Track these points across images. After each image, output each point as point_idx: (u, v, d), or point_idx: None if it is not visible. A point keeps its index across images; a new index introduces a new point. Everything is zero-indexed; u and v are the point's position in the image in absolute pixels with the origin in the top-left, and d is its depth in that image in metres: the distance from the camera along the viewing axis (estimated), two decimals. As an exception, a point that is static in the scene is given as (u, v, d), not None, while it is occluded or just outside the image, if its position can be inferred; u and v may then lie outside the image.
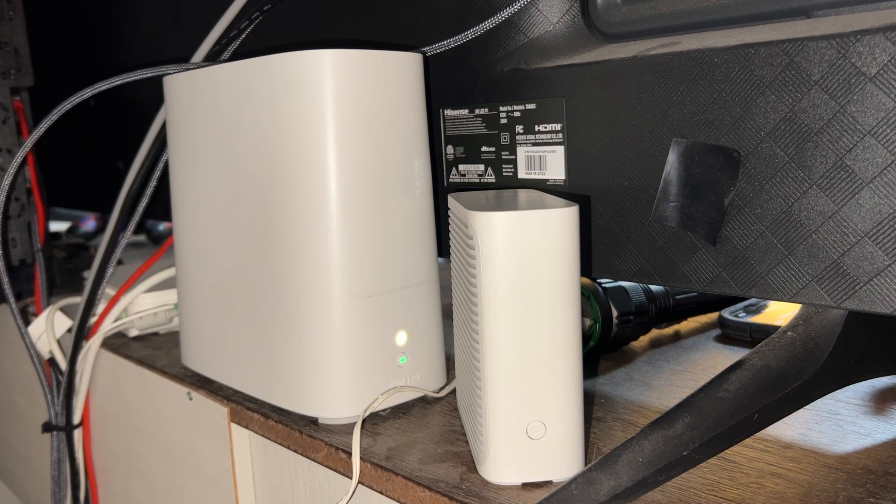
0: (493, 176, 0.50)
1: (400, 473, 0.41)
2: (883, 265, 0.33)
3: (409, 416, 0.48)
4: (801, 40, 0.34)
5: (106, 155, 0.92)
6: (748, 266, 0.38)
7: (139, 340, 0.69)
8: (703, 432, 0.36)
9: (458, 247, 0.43)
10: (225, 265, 0.52)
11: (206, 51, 0.62)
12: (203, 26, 0.62)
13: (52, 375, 0.71)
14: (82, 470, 0.72)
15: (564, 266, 0.37)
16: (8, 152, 0.80)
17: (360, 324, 0.46)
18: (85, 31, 0.91)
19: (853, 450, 0.41)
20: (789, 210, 0.36)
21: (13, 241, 0.80)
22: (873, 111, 0.33)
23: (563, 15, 0.46)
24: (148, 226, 1.16)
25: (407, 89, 0.48)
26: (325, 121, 0.45)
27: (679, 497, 0.37)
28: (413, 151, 0.48)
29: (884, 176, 0.33)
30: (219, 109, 0.50)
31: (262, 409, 0.51)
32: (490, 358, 0.37)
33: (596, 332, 0.54)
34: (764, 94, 0.36)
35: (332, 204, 0.45)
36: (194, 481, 0.59)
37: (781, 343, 0.38)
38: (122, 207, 0.66)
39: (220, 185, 0.51)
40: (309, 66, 0.45)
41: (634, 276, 0.43)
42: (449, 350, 0.52)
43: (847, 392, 0.48)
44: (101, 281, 0.67)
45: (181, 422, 0.59)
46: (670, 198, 0.40)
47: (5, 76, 0.80)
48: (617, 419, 0.46)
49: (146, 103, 0.81)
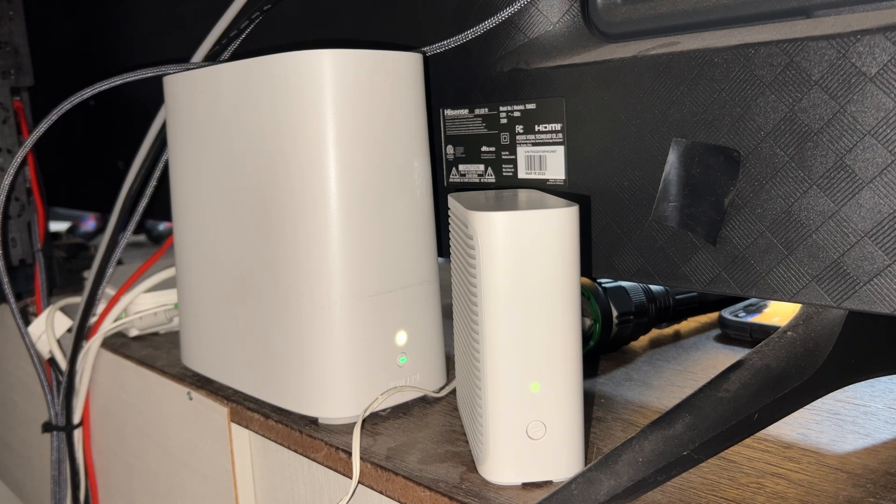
0: (493, 176, 0.50)
1: (400, 473, 0.41)
2: (883, 265, 0.33)
3: (409, 416, 0.48)
4: (801, 40, 0.34)
5: (106, 155, 0.92)
6: (748, 266, 0.38)
7: (139, 340, 0.69)
8: (703, 432, 0.36)
9: (458, 247, 0.43)
10: (225, 265, 0.52)
11: (206, 51, 0.62)
12: (203, 26, 0.62)
13: (52, 375, 0.71)
14: (82, 470, 0.72)
15: (564, 266, 0.37)
16: (8, 152, 0.80)
17: (360, 324, 0.46)
18: (85, 31, 0.91)
19: (853, 450, 0.41)
20: (789, 210, 0.36)
21: (13, 241, 0.80)
22: (873, 111, 0.33)
23: (563, 15, 0.46)
24: (148, 226, 1.16)
25: (407, 89, 0.48)
26: (325, 121, 0.45)
27: (679, 497, 0.37)
28: (413, 151, 0.48)
29: (884, 176, 0.33)
30: (219, 109, 0.50)
31: (262, 409, 0.51)
32: (490, 358, 0.37)
33: (596, 332, 0.54)
34: (764, 94, 0.36)
35: (332, 204, 0.45)
36: (194, 481, 0.59)
37: (781, 343, 0.38)
38: (122, 207, 0.66)
39: (220, 185, 0.51)
40: (309, 66, 0.45)
41: (634, 276, 0.43)
42: (449, 350, 0.52)
43: (847, 392, 0.48)
44: (101, 281, 0.67)
45: (181, 422, 0.59)
46: (670, 198, 0.40)
47: (5, 76, 0.80)
48: (617, 419, 0.46)
49: (146, 103, 0.81)
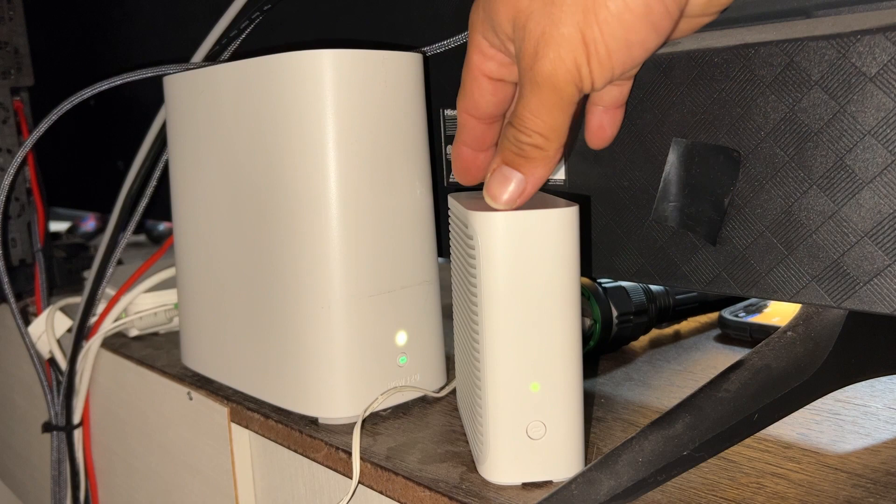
0: (493, 176, 0.50)
1: (400, 473, 0.41)
2: (883, 265, 0.33)
3: (409, 416, 0.48)
4: (801, 40, 0.34)
5: (106, 155, 0.92)
6: (748, 266, 0.38)
7: (139, 340, 0.69)
8: (703, 432, 0.36)
9: (458, 247, 0.43)
10: (225, 265, 0.52)
11: (206, 51, 0.62)
12: (203, 26, 0.62)
13: (52, 375, 0.71)
14: (82, 470, 0.72)
15: (564, 266, 0.37)
16: (8, 152, 0.80)
17: (360, 324, 0.46)
18: (85, 31, 0.91)
19: (853, 450, 0.41)
20: (789, 210, 0.36)
21: (13, 241, 0.80)
22: (873, 111, 0.33)
23: (563, 15, 0.46)
24: (148, 226, 1.16)
25: (407, 89, 0.48)
26: (325, 121, 0.45)
27: (679, 497, 0.37)
28: (413, 151, 0.48)
29: (884, 176, 0.33)
30: (219, 109, 0.50)
31: (262, 409, 0.51)
32: (490, 358, 0.37)
33: (596, 332, 0.54)
34: (764, 94, 0.36)
35: (332, 204, 0.45)
36: (194, 481, 0.59)
37: (781, 343, 0.38)
38: (122, 207, 0.66)
39: (219, 185, 0.51)
40: (309, 66, 0.45)
41: (634, 276, 0.43)
42: (449, 350, 0.52)
43: (847, 392, 0.48)
44: (101, 281, 0.67)
45: (181, 422, 0.59)
46: (670, 198, 0.40)
47: (5, 76, 0.80)
48: (617, 419, 0.46)
49: (146, 103, 0.81)
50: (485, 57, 0.38)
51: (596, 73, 0.33)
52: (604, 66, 0.33)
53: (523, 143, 0.36)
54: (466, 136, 0.42)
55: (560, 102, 0.34)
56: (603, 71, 0.33)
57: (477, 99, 0.40)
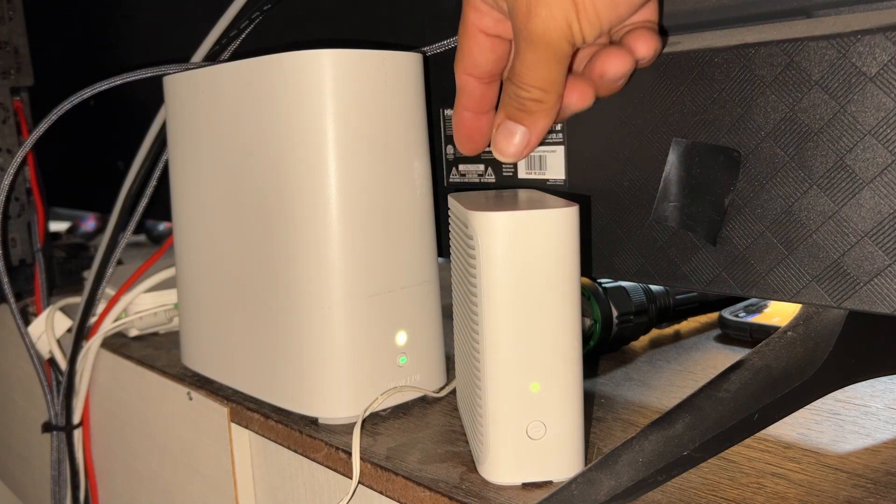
0: (493, 176, 0.50)
1: (400, 473, 0.41)
2: (883, 265, 0.33)
3: (409, 416, 0.48)
4: (801, 40, 0.34)
5: (106, 155, 0.92)
6: (748, 266, 0.38)
7: (139, 340, 0.69)
8: (703, 432, 0.36)
9: (458, 247, 0.43)
10: (225, 265, 0.52)
11: (206, 51, 0.62)
12: (203, 26, 0.62)
13: (51, 375, 0.71)
14: (82, 470, 0.72)
15: (564, 266, 0.37)
16: (8, 152, 0.80)
17: (360, 324, 0.46)
18: (85, 31, 0.91)
19: (853, 450, 0.41)
20: (789, 210, 0.36)
21: (13, 241, 0.80)
22: (873, 111, 0.33)
23: (563, 15, 0.46)
24: (148, 226, 1.16)
25: (407, 89, 0.48)
26: (325, 121, 0.45)
27: (679, 497, 0.37)
28: (413, 151, 0.48)
29: (884, 176, 0.33)
30: (219, 109, 0.50)
31: (262, 409, 0.51)
32: (490, 358, 0.37)
33: (596, 332, 0.54)
34: (764, 94, 0.36)
35: (332, 204, 0.45)
36: (194, 481, 0.59)
37: (781, 343, 0.38)
38: (122, 207, 0.66)
39: (219, 185, 0.51)
40: (309, 66, 0.45)
41: (634, 276, 0.43)
42: (449, 350, 0.52)
43: (847, 392, 0.48)
44: (101, 281, 0.67)
45: (181, 422, 0.59)
46: (670, 198, 0.40)
47: (5, 76, 0.80)
48: (617, 419, 0.46)
49: (146, 103, 0.81)
50: (480, 13, 0.40)
51: (586, 29, 0.35)
52: (593, 23, 0.35)
53: (523, 98, 0.38)
54: (467, 100, 0.43)
55: (555, 58, 0.36)
56: (592, 28, 0.35)
57: (476, 56, 0.41)
